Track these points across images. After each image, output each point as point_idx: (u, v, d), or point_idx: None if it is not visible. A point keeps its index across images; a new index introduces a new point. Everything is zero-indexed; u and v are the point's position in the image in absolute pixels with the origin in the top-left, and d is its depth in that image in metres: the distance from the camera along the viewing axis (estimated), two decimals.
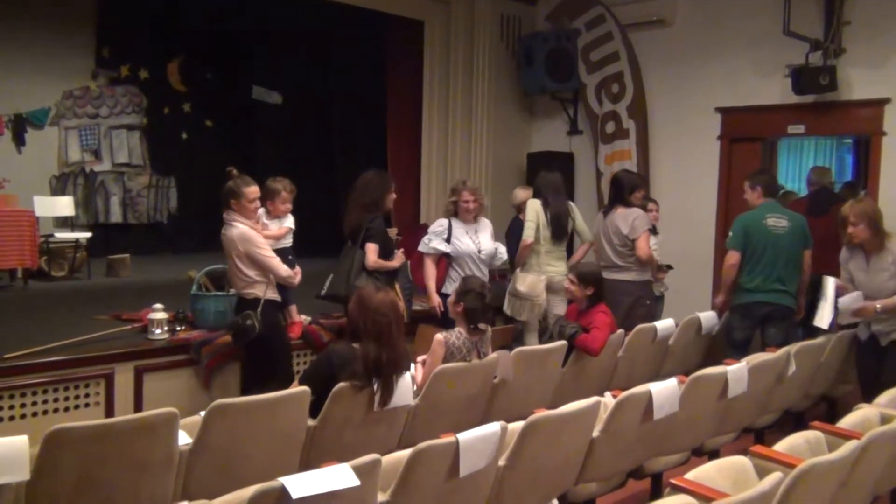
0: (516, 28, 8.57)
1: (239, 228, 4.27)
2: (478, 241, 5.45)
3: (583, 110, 8.33)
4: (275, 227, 4.74)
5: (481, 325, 3.87)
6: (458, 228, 5.41)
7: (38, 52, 8.66)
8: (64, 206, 8.04)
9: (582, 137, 8.42)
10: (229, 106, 10.18)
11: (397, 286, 4.96)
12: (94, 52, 9.28)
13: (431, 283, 5.34)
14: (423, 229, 8.23)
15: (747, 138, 7.30)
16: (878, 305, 4.36)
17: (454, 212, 5.47)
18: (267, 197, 4.58)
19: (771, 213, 5.13)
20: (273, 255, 4.38)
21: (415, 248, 5.65)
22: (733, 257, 5.17)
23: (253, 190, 4.31)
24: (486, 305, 3.89)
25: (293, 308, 4.86)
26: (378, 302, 3.34)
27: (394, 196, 5.11)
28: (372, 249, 4.83)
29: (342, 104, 9.35)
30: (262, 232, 4.48)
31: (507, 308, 5.55)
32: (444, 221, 5.46)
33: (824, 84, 6.33)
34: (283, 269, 4.38)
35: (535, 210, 5.56)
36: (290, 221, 4.84)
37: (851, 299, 4.46)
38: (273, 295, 4.43)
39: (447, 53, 8.23)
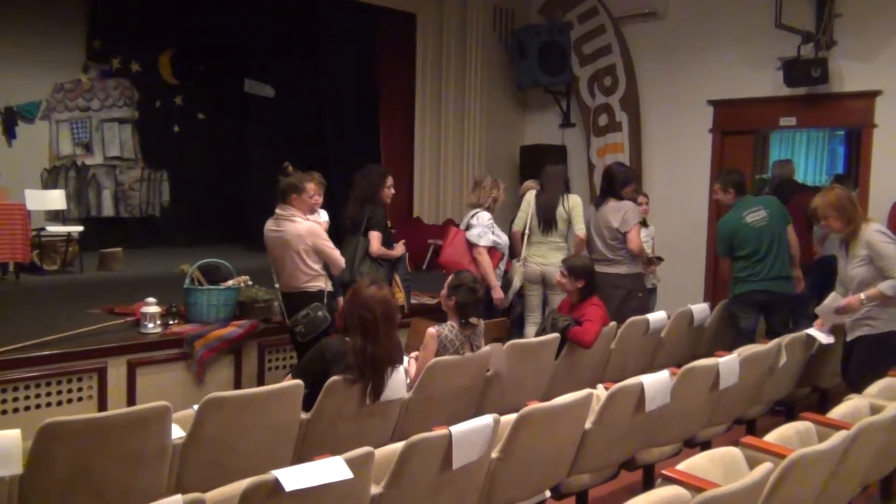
0: (509, 21, 8.57)
1: (305, 224, 4.43)
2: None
3: (575, 103, 8.35)
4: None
5: (472, 320, 3.88)
6: (494, 222, 5.50)
7: (28, 44, 8.60)
8: (55, 199, 8.00)
9: (574, 130, 8.43)
10: (221, 99, 10.14)
11: (397, 277, 5.05)
12: (85, 44, 9.23)
13: (493, 276, 5.35)
14: (418, 222, 8.27)
15: (739, 131, 7.33)
16: (863, 296, 4.12)
17: (490, 206, 5.49)
18: None
19: (747, 209, 5.21)
20: (334, 247, 4.55)
21: (412, 241, 5.69)
22: (723, 262, 5.51)
23: (312, 186, 4.60)
24: (478, 299, 3.89)
25: (340, 298, 4.88)
26: (367, 297, 3.33)
27: (391, 190, 5.17)
28: (375, 237, 4.93)
29: (335, 97, 9.32)
30: None
31: None
32: (488, 214, 5.44)
33: (816, 76, 6.36)
34: (342, 260, 4.56)
35: (527, 201, 5.72)
36: (325, 216, 5.05)
37: (830, 300, 4.30)
38: (331, 287, 4.57)
39: (440, 47, 8.22)
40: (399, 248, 5.11)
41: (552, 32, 8.09)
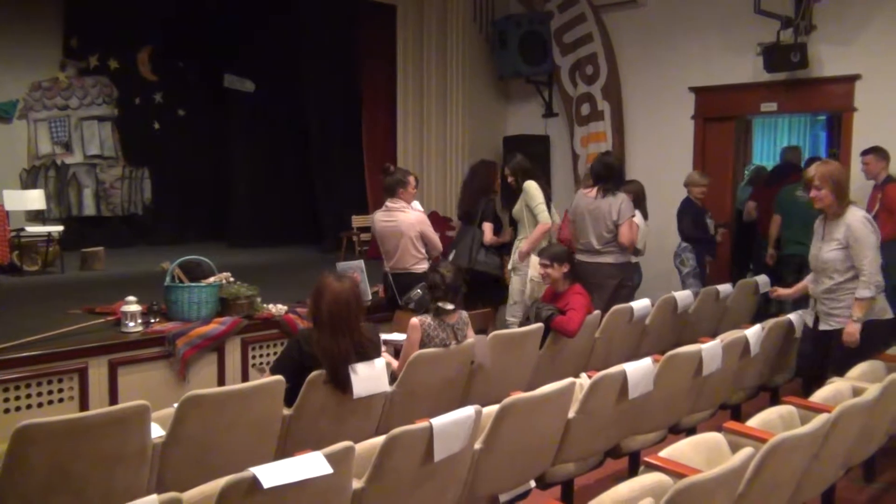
0: (489, 11, 8.54)
1: (415, 213, 5.16)
2: None
3: (557, 93, 8.33)
4: None
5: (447, 305, 3.87)
6: None
7: (4, 43, 8.48)
8: (34, 199, 7.92)
9: (557, 120, 8.42)
10: (201, 95, 10.07)
11: (506, 258, 5.73)
12: (61, 42, 9.12)
13: None
14: None
15: (721, 117, 7.34)
16: (855, 319, 3.94)
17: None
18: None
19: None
20: (434, 232, 5.26)
21: None
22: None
23: (412, 179, 5.27)
24: (449, 285, 3.89)
25: None
26: (334, 290, 3.29)
27: (500, 181, 5.80)
28: (488, 228, 5.68)
29: (316, 90, 9.27)
30: None
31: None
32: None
33: (795, 61, 6.36)
34: (440, 244, 5.27)
35: (540, 190, 5.57)
36: (419, 205, 5.59)
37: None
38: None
39: (420, 38, 8.18)
40: (507, 234, 5.79)
41: (533, 22, 8.06)
